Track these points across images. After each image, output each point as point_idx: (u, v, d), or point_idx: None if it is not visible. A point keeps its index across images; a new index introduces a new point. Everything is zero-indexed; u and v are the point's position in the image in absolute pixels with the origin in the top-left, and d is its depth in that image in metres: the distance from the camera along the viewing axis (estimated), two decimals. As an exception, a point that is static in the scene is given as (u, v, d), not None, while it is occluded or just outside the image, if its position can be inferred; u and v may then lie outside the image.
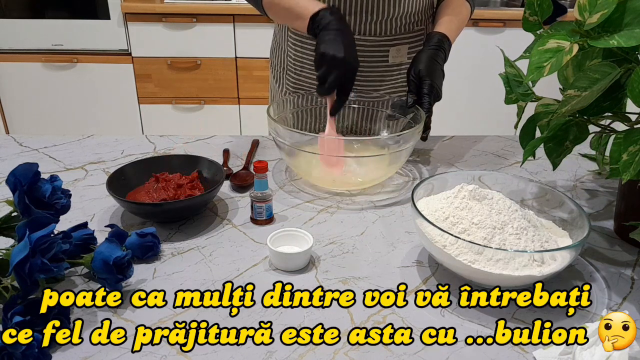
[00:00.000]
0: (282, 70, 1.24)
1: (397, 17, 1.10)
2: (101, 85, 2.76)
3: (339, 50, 0.92)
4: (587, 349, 0.61)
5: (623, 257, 0.85)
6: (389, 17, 1.10)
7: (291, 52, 1.19)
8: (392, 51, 1.14)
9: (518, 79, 0.93)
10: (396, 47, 1.14)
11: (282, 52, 1.22)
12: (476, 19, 2.64)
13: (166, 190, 0.91)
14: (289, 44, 1.19)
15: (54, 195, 0.71)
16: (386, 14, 1.09)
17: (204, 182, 0.96)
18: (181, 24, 2.63)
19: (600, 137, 0.94)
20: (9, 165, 1.08)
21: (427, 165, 1.16)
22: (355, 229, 0.91)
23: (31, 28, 2.62)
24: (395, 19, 1.10)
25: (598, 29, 0.73)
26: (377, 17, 1.09)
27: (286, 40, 1.19)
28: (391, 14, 1.09)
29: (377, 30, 1.11)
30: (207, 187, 0.95)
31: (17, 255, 0.60)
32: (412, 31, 1.15)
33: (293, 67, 1.20)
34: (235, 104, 2.81)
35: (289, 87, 1.23)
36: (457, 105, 2.83)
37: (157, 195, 0.91)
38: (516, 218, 0.76)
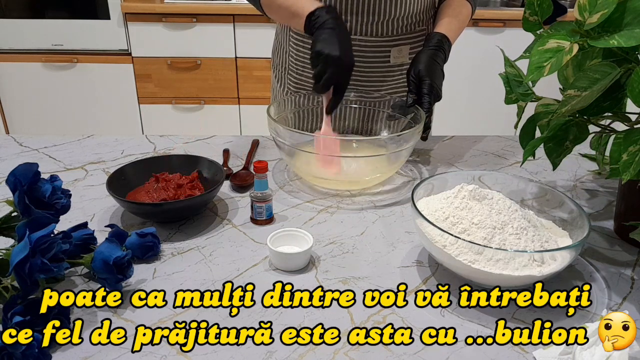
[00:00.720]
0: (283, 70, 1.24)
1: (399, 18, 1.10)
2: (101, 85, 2.76)
3: (334, 48, 0.92)
4: (587, 349, 0.61)
5: (623, 257, 0.85)
6: (391, 18, 1.10)
7: (293, 52, 1.19)
8: (394, 52, 1.14)
9: (518, 79, 0.93)
10: (398, 48, 1.14)
11: (284, 52, 1.22)
12: (476, 19, 2.64)
13: (166, 190, 0.91)
14: (290, 44, 1.19)
15: (54, 195, 0.71)
16: (388, 15, 1.09)
17: (204, 182, 0.96)
18: (181, 24, 2.63)
19: (600, 137, 0.94)
20: (9, 165, 1.08)
21: (427, 165, 1.16)
22: (355, 229, 0.91)
23: (31, 28, 2.62)
24: (396, 20, 1.10)
25: (598, 29, 0.73)
26: (378, 18, 1.09)
27: (288, 40, 1.19)
28: (393, 14, 1.09)
29: (378, 31, 1.11)
30: (207, 187, 0.95)
31: (17, 255, 0.60)
32: (413, 32, 1.15)
33: (295, 67, 1.20)
34: (235, 104, 2.82)
35: (290, 87, 1.23)
36: (457, 105, 2.83)
37: (157, 195, 0.91)
38: (516, 218, 0.76)
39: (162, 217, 0.91)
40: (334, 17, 0.96)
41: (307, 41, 1.15)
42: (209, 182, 0.96)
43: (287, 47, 1.20)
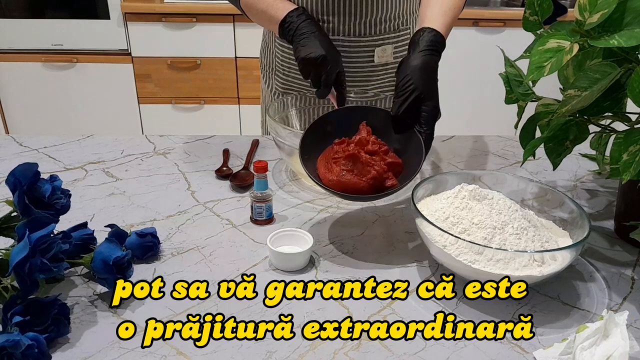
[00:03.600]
0: (271, 71, 1.24)
1: (382, 18, 1.10)
2: (101, 85, 2.76)
3: (317, 49, 0.93)
4: (587, 349, 0.61)
5: (623, 257, 0.85)
6: (373, 18, 1.10)
7: (278, 53, 1.19)
8: (378, 51, 1.14)
9: (518, 79, 0.93)
10: (382, 48, 1.14)
11: (271, 53, 1.22)
12: (476, 19, 2.64)
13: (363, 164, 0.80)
14: (276, 45, 1.19)
15: (54, 195, 0.71)
16: (370, 15, 1.09)
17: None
18: (181, 24, 2.63)
19: (601, 137, 0.94)
20: (8, 165, 1.07)
21: (427, 165, 1.16)
22: (355, 229, 0.91)
23: (31, 28, 2.62)
24: (379, 19, 1.10)
25: (598, 29, 0.73)
26: (360, 18, 1.09)
27: (274, 41, 1.20)
28: (375, 14, 1.09)
29: (361, 31, 1.11)
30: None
31: (17, 255, 0.60)
32: (397, 30, 1.14)
33: (281, 68, 1.20)
34: (235, 103, 2.81)
35: (277, 87, 1.23)
36: (457, 105, 2.83)
37: (357, 172, 0.80)
38: (516, 218, 0.76)
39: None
40: (305, 20, 0.97)
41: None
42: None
43: (274, 49, 1.20)
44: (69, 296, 0.73)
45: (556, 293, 0.76)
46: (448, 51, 0.96)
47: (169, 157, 1.14)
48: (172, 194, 1.00)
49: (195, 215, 0.93)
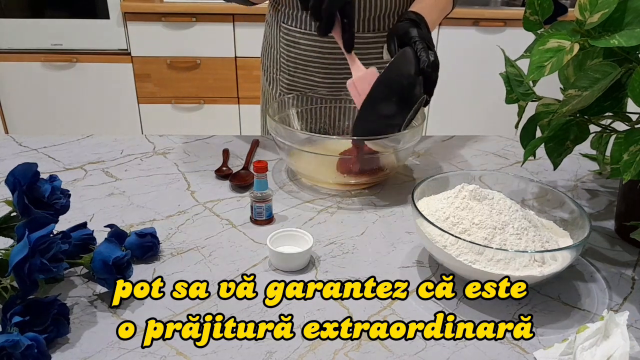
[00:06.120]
0: (275, 72, 1.24)
1: (391, 13, 1.11)
2: (101, 85, 2.76)
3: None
4: (588, 350, 0.61)
5: (624, 257, 0.85)
6: (382, 13, 1.10)
7: (284, 52, 1.19)
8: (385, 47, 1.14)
9: (519, 79, 0.93)
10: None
11: (275, 52, 1.22)
12: (477, 19, 2.64)
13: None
14: (281, 44, 1.19)
15: (53, 195, 0.71)
16: (378, 10, 1.09)
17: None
18: (181, 24, 2.63)
19: (601, 137, 0.94)
20: (8, 165, 1.07)
21: (427, 165, 1.16)
22: (355, 229, 0.91)
23: (31, 28, 2.62)
24: (388, 15, 1.11)
25: (599, 29, 0.73)
26: (369, 14, 1.10)
27: (278, 41, 1.19)
28: (384, 9, 1.09)
29: (372, 27, 1.11)
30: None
31: (17, 256, 0.60)
32: None
33: (287, 68, 1.20)
34: (235, 103, 2.82)
35: (282, 88, 1.23)
36: (458, 105, 2.83)
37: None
38: (517, 218, 0.76)
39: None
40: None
41: (298, 42, 1.15)
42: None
43: (278, 48, 1.20)
44: (69, 296, 0.73)
45: (556, 293, 0.76)
46: (448, 51, 0.97)
47: (169, 157, 1.14)
48: (171, 194, 1.00)
49: (195, 215, 0.93)
